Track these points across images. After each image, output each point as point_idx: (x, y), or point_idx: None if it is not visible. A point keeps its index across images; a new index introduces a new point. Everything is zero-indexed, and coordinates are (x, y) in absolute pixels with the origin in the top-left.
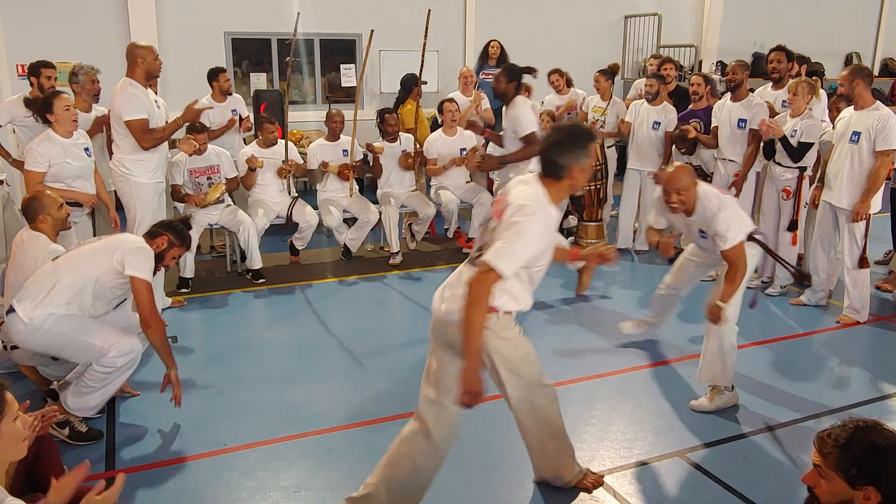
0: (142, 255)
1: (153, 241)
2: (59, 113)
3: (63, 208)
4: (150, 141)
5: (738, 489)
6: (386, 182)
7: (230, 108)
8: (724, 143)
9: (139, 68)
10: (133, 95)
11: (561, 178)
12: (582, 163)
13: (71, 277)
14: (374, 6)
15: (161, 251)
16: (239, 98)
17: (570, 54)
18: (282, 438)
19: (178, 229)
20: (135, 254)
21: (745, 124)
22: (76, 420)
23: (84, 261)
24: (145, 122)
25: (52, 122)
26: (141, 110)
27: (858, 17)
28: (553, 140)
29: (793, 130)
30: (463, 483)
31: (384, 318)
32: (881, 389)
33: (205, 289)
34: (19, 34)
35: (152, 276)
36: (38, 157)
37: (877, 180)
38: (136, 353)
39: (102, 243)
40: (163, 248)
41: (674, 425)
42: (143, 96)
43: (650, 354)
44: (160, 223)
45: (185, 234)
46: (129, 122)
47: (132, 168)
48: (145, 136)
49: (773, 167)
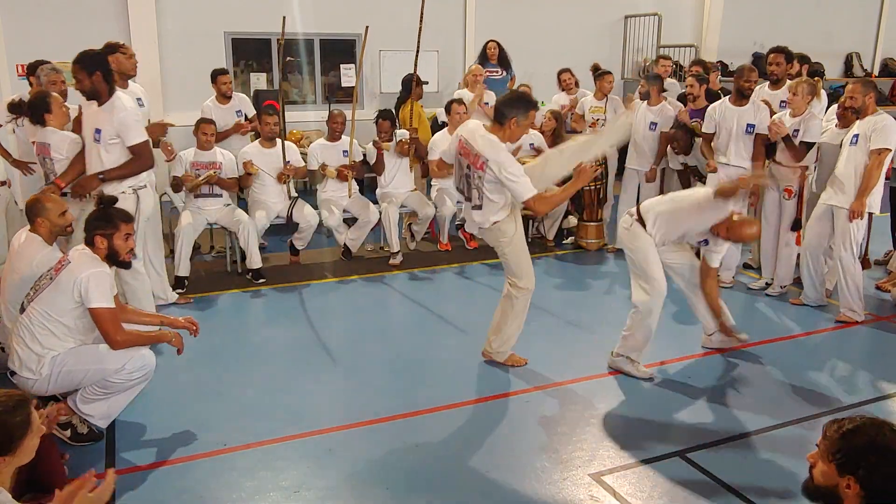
0: (95, 281)
1: (94, 248)
2: (56, 111)
3: (65, 215)
4: (150, 158)
5: (738, 489)
6: (386, 182)
7: (235, 110)
8: (726, 147)
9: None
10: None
11: (503, 124)
12: (519, 119)
13: (47, 323)
14: (373, 6)
15: (108, 249)
16: (244, 98)
17: (570, 54)
18: (282, 438)
19: (102, 218)
20: (88, 284)
21: (754, 129)
22: (78, 421)
23: (48, 305)
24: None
25: (47, 122)
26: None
27: (858, 17)
28: (506, 97)
29: (794, 130)
30: (463, 483)
31: (384, 318)
32: (881, 389)
33: (205, 289)
34: (19, 34)
35: (111, 296)
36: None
37: (870, 178)
38: (150, 366)
39: (56, 282)
40: (105, 246)
41: (674, 425)
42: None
43: (650, 354)
44: (86, 223)
45: (109, 216)
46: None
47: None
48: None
49: (775, 167)
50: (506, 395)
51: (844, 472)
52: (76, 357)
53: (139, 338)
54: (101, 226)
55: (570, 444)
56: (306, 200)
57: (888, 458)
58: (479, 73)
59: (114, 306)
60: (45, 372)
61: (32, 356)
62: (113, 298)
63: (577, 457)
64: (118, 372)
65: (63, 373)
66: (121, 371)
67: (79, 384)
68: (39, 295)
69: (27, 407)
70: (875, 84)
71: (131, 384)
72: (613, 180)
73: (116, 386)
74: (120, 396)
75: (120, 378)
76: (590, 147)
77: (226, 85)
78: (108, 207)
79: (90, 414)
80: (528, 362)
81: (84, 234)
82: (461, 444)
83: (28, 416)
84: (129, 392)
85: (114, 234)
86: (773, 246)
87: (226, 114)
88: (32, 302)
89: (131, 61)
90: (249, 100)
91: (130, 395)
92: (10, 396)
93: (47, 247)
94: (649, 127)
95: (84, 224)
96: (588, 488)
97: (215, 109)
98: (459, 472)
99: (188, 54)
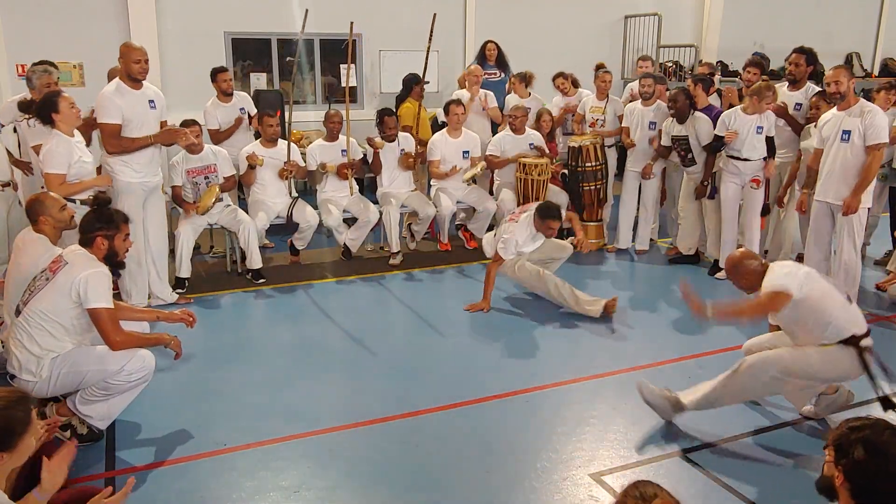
0: (95, 281)
1: (92, 248)
2: (65, 112)
3: (65, 210)
4: (115, 146)
5: (738, 489)
6: (386, 182)
7: (238, 108)
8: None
9: (121, 69)
10: (108, 99)
11: None
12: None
13: (44, 323)
14: (374, 6)
15: (106, 249)
16: (245, 96)
17: (570, 54)
18: (282, 438)
19: (103, 218)
20: (87, 284)
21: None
22: (77, 422)
23: (45, 305)
24: (115, 127)
25: (55, 122)
26: (113, 115)
27: (858, 17)
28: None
29: (757, 127)
30: (463, 483)
31: (384, 318)
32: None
33: (205, 289)
34: (19, 34)
35: (111, 293)
36: (60, 159)
37: (868, 174)
38: (150, 368)
39: (54, 283)
40: (106, 246)
41: (674, 425)
42: (124, 99)
43: (650, 354)
44: (84, 224)
45: (110, 216)
46: (101, 125)
47: (114, 167)
48: (111, 141)
49: (741, 162)
50: (506, 395)
51: (837, 464)
52: (76, 359)
53: (138, 339)
54: (102, 227)
55: (570, 444)
56: (306, 200)
57: (876, 458)
58: (479, 73)
59: (112, 307)
60: (46, 374)
61: (31, 358)
62: (111, 298)
63: (577, 457)
64: (118, 373)
65: (63, 374)
66: (121, 372)
67: (79, 385)
68: (35, 296)
69: (28, 404)
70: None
71: (131, 385)
72: (613, 180)
73: (116, 387)
74: (120, 398)
75: (120, 379)
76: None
77: (226, 82)
78: (106, 208)
79: (90, 415)
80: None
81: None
82: (461, 444)
83: (29, 413)
84: (128, 393)
85: (115, 234)
86: (734, 236)
87: (228, 113)
88: (28, 303)
89: (136, 65)
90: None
91: (130, 396)
92: (12, 392)
93: (53, 246)
94: (648, 126)
95: (80, 225)
96: (588, 488)
97: (217, 109)
98: (459, 472)
99: (188, 54)
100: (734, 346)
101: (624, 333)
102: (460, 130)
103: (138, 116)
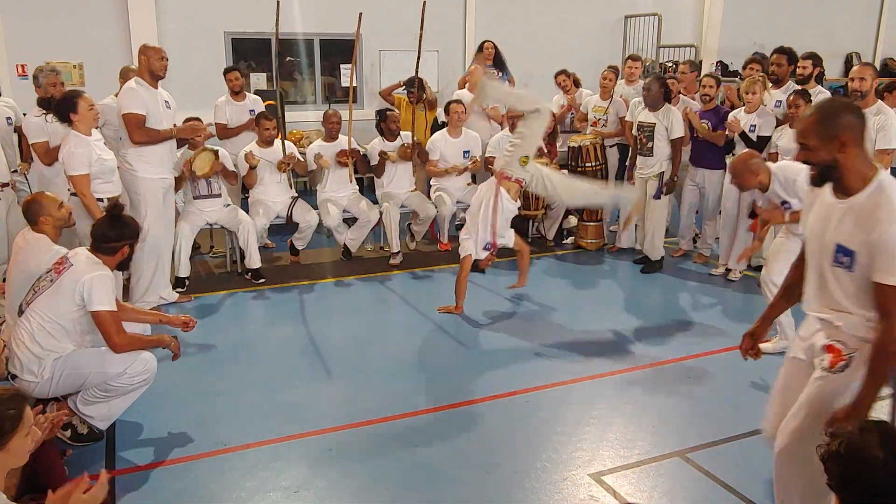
0: (98, 284)
1: (114, 256)
2: (83, 112)
3: (63, 207)
4: (142, 136)
5: (738, 489)
6: (386, 182)
7: (248, 108)
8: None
9: (143, 68)
10: (134, 91)
11: None
12: None
13: (45, 324)
14: (373, 6)
15: (125, 256)
16: (257, 98)
17: (569, 54)
18: (282, 438)
19: (129, 228)
20: (91, 286)
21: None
22: (78, 422)
23: (48, 306)
24: (141, 117)
25: (73, 122)
26: (139, 106)
27: (858, 17)
28: None
29: (751, 126)
30: (463, 483)
31: (384, 318)
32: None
33: (205, 289)
34: (19, 34)
35: (114, 296)
36: (81, 160)
37: None
38: (152, 370)
39: (58, 285)
40: (128, 254)
41: (674, 425)
42: (146, 94)
43: (650, 354)
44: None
45: (133, 224)
46: (126, 116)
47: (134, 163)
48: (138, 131)
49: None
50: (506, 395)
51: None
52: (78, 360)
53: (139, 341)
54: (130, 236)
55: (570, 444)
56: (306, 200)
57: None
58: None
59: (116, 309)
60: (48, 375)
61: (33, 359)
62: (115, 301)
63: (577, 457)
64: (120, 375)
65: (65, 376)
66: (123, 375)
67: (80, 387)
68: (39, 297)
69: (21, 403)
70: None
71: (133, 387)
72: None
73: (118, 389)
74: (121, 399)
75: (122, 381)
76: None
77: (233, 82)
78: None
79: (90, 415)
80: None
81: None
82: (461, 444)
83: (21, 413)
84: (130, 395)
85: (136, 242)
86: (732, 231)
87: (239, 111)
88: (31, 304)
89: (161, 63)
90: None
91: (131, 397)
92: (5, 390)
93: (54, 245)
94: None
95: (101, 233)
96: (588, 488)
97: (228, 105)
98: (459, 472)
99: (188, 54)
100: (734, 346)
101: (624, 333)
102: (461, 130)
103: (157, 114)
